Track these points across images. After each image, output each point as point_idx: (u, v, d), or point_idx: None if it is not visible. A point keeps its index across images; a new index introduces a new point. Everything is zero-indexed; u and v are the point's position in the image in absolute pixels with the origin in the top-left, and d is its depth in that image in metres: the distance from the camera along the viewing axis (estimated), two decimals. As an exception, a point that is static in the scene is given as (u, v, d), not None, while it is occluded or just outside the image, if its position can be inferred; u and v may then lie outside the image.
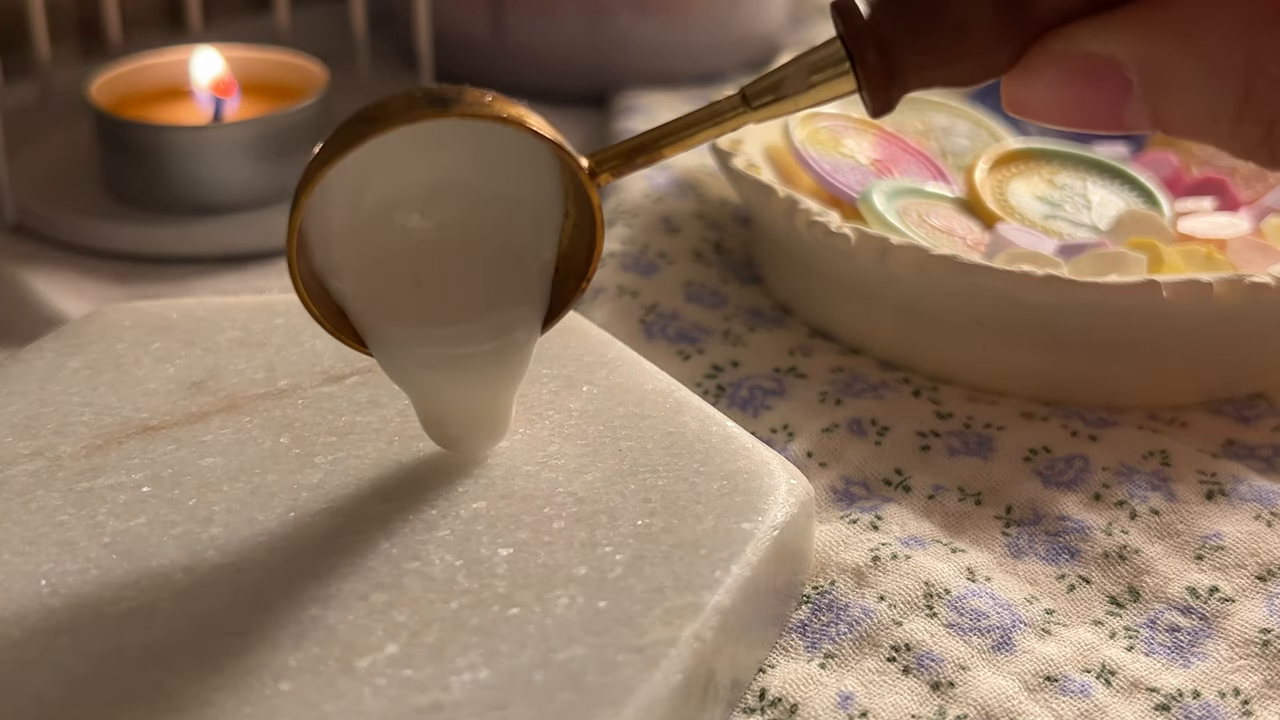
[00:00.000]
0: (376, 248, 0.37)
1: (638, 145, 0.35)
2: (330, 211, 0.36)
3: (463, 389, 0.38)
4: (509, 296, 0.37)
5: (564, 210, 0.37)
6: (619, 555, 0.36)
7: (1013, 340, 0.47)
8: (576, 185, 0.36)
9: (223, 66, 0.61)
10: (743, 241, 0.57)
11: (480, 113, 0.34)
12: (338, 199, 0.36)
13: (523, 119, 0.34)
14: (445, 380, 0.38)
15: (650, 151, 0.35)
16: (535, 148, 0.36)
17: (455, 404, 0.39)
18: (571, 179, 0.36)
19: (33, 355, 0.44)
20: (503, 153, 0.36)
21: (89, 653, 0.33)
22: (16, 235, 0.59)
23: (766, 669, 0.38)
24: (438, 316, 0.38)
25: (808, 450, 0.45)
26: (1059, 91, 0.33)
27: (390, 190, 0.36)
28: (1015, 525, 0.43)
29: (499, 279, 0.37)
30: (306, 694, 0.32)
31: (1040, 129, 0.60)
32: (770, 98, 0.35)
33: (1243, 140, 0.31)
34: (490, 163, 0.36)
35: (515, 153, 0.36)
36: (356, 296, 0.37)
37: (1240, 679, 0.38)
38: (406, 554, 0.36)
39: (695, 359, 0.50)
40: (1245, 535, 0.42)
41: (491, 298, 0.37)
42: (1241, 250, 0.50)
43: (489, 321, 0.38)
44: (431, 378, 0.38)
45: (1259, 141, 0.31)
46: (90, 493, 0.38)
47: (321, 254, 0.37)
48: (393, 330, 0.37)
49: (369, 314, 0.37)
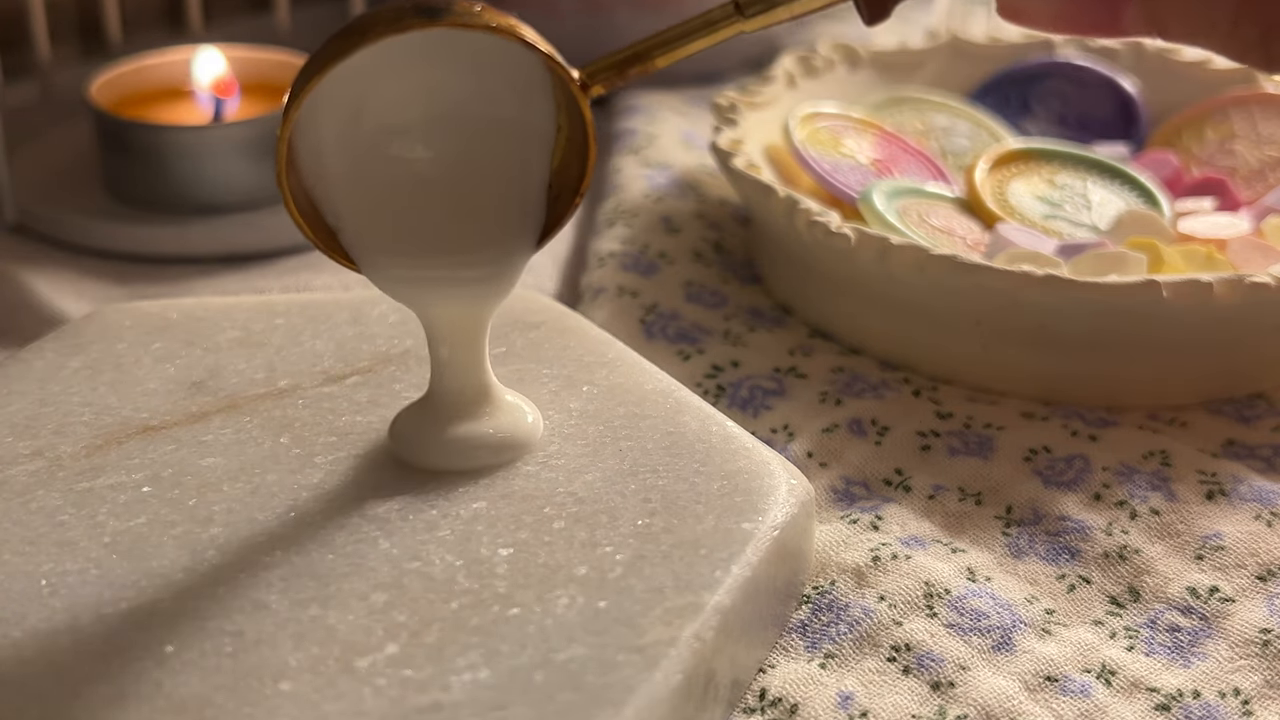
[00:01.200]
0: (369, 176, 0.36)
1: (630, 55, 0.35)
2: (321, 133, 0.36)
3: (452, 305, 0.38)
4: (504, 221, 0.37)
5: (556, 125, 0.37)
6: (619, 555, 0.36)
7: (1013, 340, 0.47)
8: (568, 99, 0.35)
9: (223, 66, 0.61)
10: (743, 241, 0.57)
11: (470, 22, 0.33)
12: (328, 120, 0.35)
13: (514, 28, 0.34)
14: (436, 297, 0.38)
15: (643, 61, 0.35)
16: (526, 61, 0.35)
17: (441, 319, 0.38)
18: (563, 92, 0.36)
19: (33, 355, 0.44)
20: (493, 68, 0.35)
21: (89, 653, 0.33)
22: (16, 235, 0.59)
23: (766, 669, 0.38)
24: (433, 246, 0.37)
25: (808, 450, 0.45)
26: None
27: (381, 113, 0.36)
28: (1015, 525, 0.43)
29: (494, 204, 0.37)
30: (306, 694, 0.32)
31: (1040, 129, 0.60)
32: (763, 4, 0.34)
33: (1240, 42, 0.31)
34: (481, 79, 0.36)
35: (506, 67, 0.35)
36: (349, 222, 0.37)
37: (1240, 679, 0.38)
38: (406, 554, 0.36)
39: (695, 359, 0.50)
40: (1245, 535, 0.42)
41: (486, 225, 0.37)
42: (1241, 250, 0.50)
43: (484, 249, 0.37)
44: (422, 294, 0.38)
45: (1256, 43, 0.31)
46: (90, 493, 0.38)
47: (313, 177, 0.36)
48: (387, 258, 0.37)
49: (362, 241, 0.37)
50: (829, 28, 0.77)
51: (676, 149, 0.63)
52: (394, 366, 0.43)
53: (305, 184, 0.36)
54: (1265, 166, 0.55)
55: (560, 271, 0.57)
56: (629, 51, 0.35)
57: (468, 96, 0.36)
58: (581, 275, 0.55)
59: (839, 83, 0.60)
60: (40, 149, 0.63)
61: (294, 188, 0.36)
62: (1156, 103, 0.60)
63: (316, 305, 0.46)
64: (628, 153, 0.62)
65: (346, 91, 0.35)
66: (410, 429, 0.39)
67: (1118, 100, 0.60)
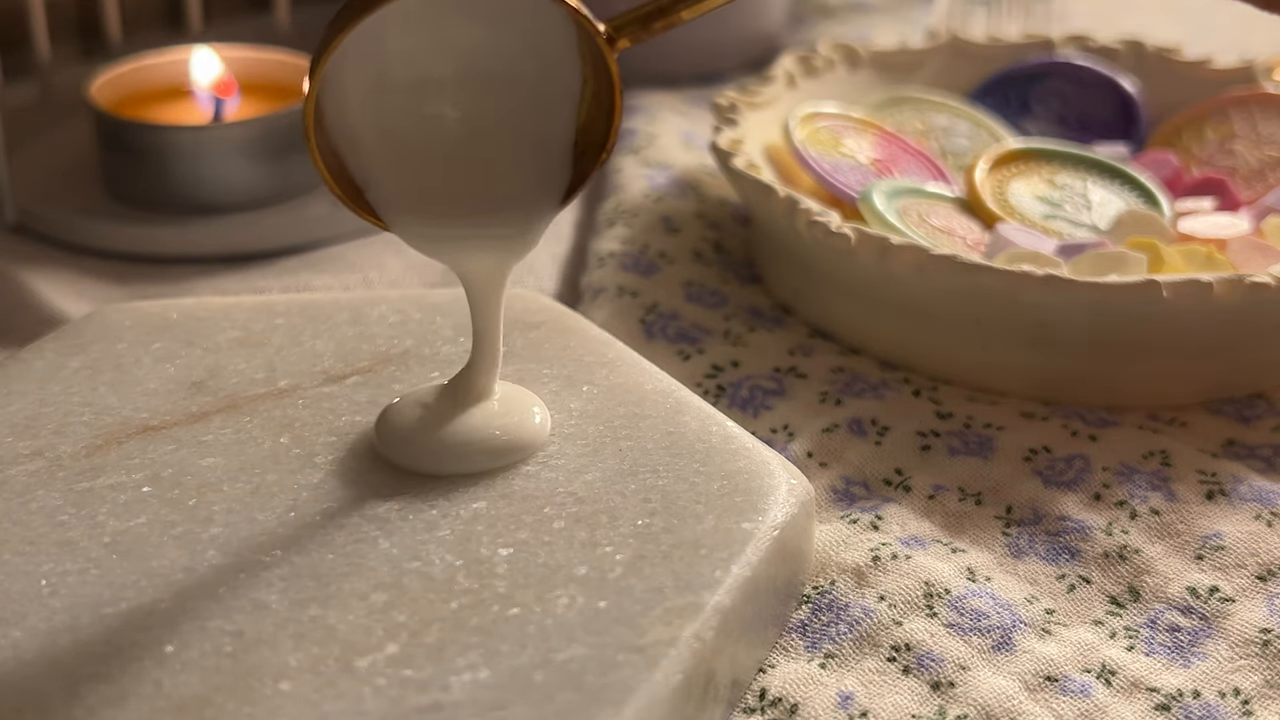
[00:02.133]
0: (395, 133, 0.36)
1: (655, 9, 0.35)
2: (347, 91, 0.36)
3: (478, 259, 0.38)
4: (530, 178, 0.37)
5: (582, 79, 0.36)
6: (619, 555, 0.36)
7: (1013, 340, 0.47)
8: (594, 53, 0.35)
9: (222, 66, 0.61)
10: (743, 241, 0.57)
11: None
12: (354, 77, 0.35)
13: None
14: (462, 251, 0.38)
15: (668, 15, 0.35)
16: (551, 15, 0.35)
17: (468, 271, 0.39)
18: (589, 46, 0.36)
19: (33, 355, 0.44)
20: (518, 23, 0.35)
21: (89, 653, 0.33)
22: (16, 235, 0.59)
23: (766, 669, 0.38)
24: (460, 204, 0.37)
25: (808, 450, 0.45)
26: None
27: (406, 70, 0.36)
28: (1015, 525, 0.43)
29: (520, 161, 0.37)
30: (306, 694, 0.32)
31: (1040, 129, 0.60)
32: None
33: None
34: (506, 34, 0.36)
35: (531, 22, 0.35)
36: (376, 180, 0.37)
37: (1240, 679, 0.38)
38: (406, 554, 0.36)
39: (695, 359, 0.50)
40: (1245, 535, 0.42)
41: (512, 182, 0.37)
42: (1241, 250, 0.50)
43: (511, 206, 0.37)
44: (448, 250, 0.38)
45: None
46: (90, 493, 0.38)
47: (340, 134, 0.36)
48: (413, 216, 0.37)
49: (388, 199, 0.37)
50: (829, 28, 0.77)
51: (676, 149, 0.63)
52: (394, 366, 0.43)
53: (333, 142, 0.36)
54: (1265, 166, 0.55)
55: (560, 271, 0.57)
56: (654, 4, 0.35)
57: (493, 52, 0.36)
58: (581, 275, 0.55)
59: (839, 83, 0.60)
60: (40, 149, 0.63)
61: (321, 146, 0.36)
62: (1156, 103, 0.60)
63: (316, 305, 0.46)
64: (628, 153, 0.62)
65: (372, 48, 0.35)
66: (409, 430, 0.39)
67: (1118, 100, 0.60)
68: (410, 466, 0.39)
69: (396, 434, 0.39)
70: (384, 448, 0.39)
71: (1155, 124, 0.60)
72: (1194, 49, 0.62)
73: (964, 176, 0.55)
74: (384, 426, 0.40)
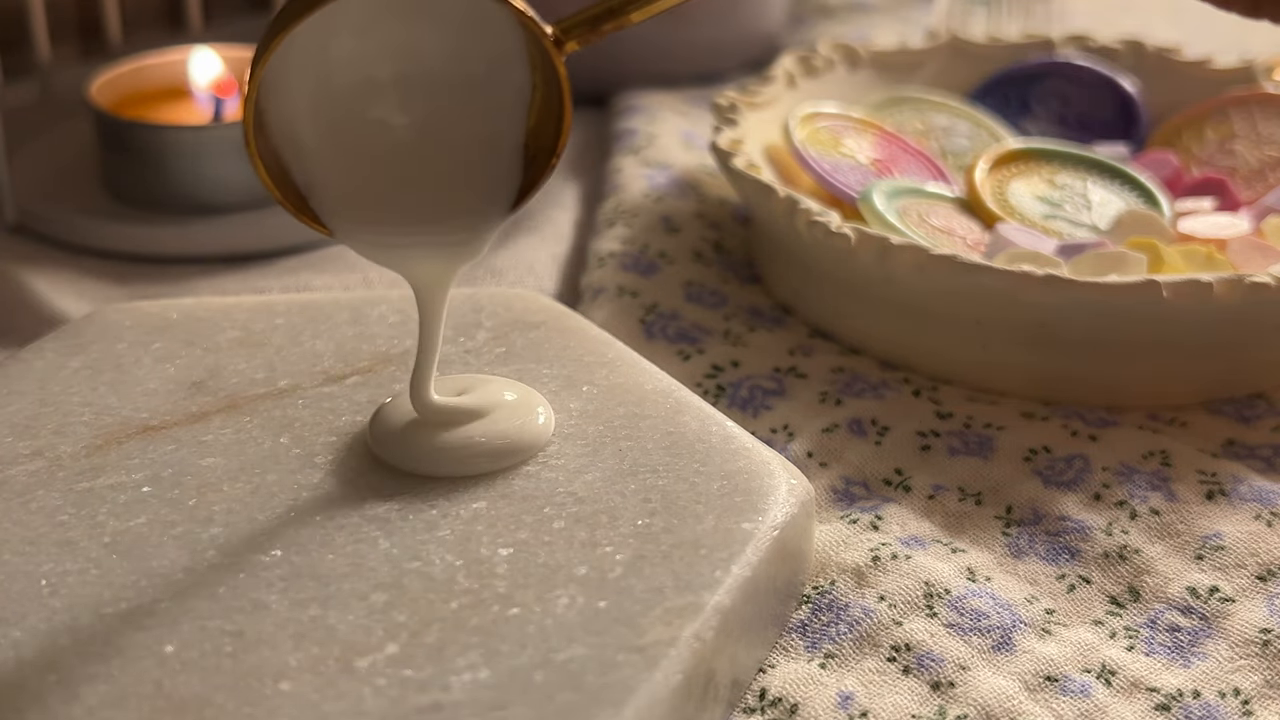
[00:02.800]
0: (338, 138, 0.36)
1: (605, 10, 0.34)
2: (290, 95, 0.35)
3: (425, 265, 0.38)
4: (479, 184, 0.36)
5: (532, 84, 0.36)
6: (619, 555, 0.36)
7: (1013, 340, 0.47)
8: (543, 56, 0.35)
9: (222, 66, 0.61)
10: (743, 241, 0.57)
11: None
12: (296, 81, 0.35)
13: None
14: (408, 258, 0.38)
15: (617, 16, 0.34)
16: (498, 17, 0.34)
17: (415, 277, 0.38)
18: (537, 49, 0.35)
19: (33, 355, 0.44)
20: (464, 25, 0.35)
21: (89, 653, 0.33)
22: (16, 235, 0.59)
23: (766, 669, 0.38)
24: (405, 211, 0.37)
25: (808, 450, 0.45)
26: None
27: (349, 74, 0.35)
28: (1015, 525, 0.43)
29: (468, 166, 0.36)
30: (306, 694, 0.32)
31: (1040, 129, 0.60)
32: None
33: None
34: (452, 37, 0.35)
35: (477, 24, 0.35)
36: (319, 186, 0.36)
37: (1240, 679, 0.38)
38: (406, 554, 0.36)
39: (695, 359, 0.50)
40: (1245, 535, 0.42)
41: (460, 188, 0.36)
42: (1241, 250, 0.50)
43: (458, 213, 0.37)
44: (395, 257, 0.38)
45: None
46: (90, 493, 0.38)
47: (283, 139, 0.35)
48: (358, 223, 0.37)
49: (332, 205, 0.36)
50: (829, 28, 0.77)
51: (676, 149, 0.63)
52: (394, 366, 0.43)
53: (275, 146, 0.36)
54: (1265, 166, 0.55)
55: (560, 271, 0.57)
56: (604, 6, 0.34)
57: (439, 55, 0.35)
58: (581, 275, 0.55)
59: (839, 83, 0.60)
60: (40, 149, 0.63)
61: (263, 151, 0.35)
62: (1156, 103, 0.60)
63: (316, 305, 0.46)
64: (628, 153, 0.62)
65: (314, 51, 0.35)
66: (403, 431, 0.39)
67: (1118, 100, 0.60)
68: (409, 469, 0.39)
69: (391, 435, 0.39)
70: (378, 448, 0.39)
71: (1155, 124, 0.60)
72: (1194, 49, 0.62)
73: (964, 176, 0.55)
74: (377, 427, 0.40)
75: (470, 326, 0.45)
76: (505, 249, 0.57)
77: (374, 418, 0.40)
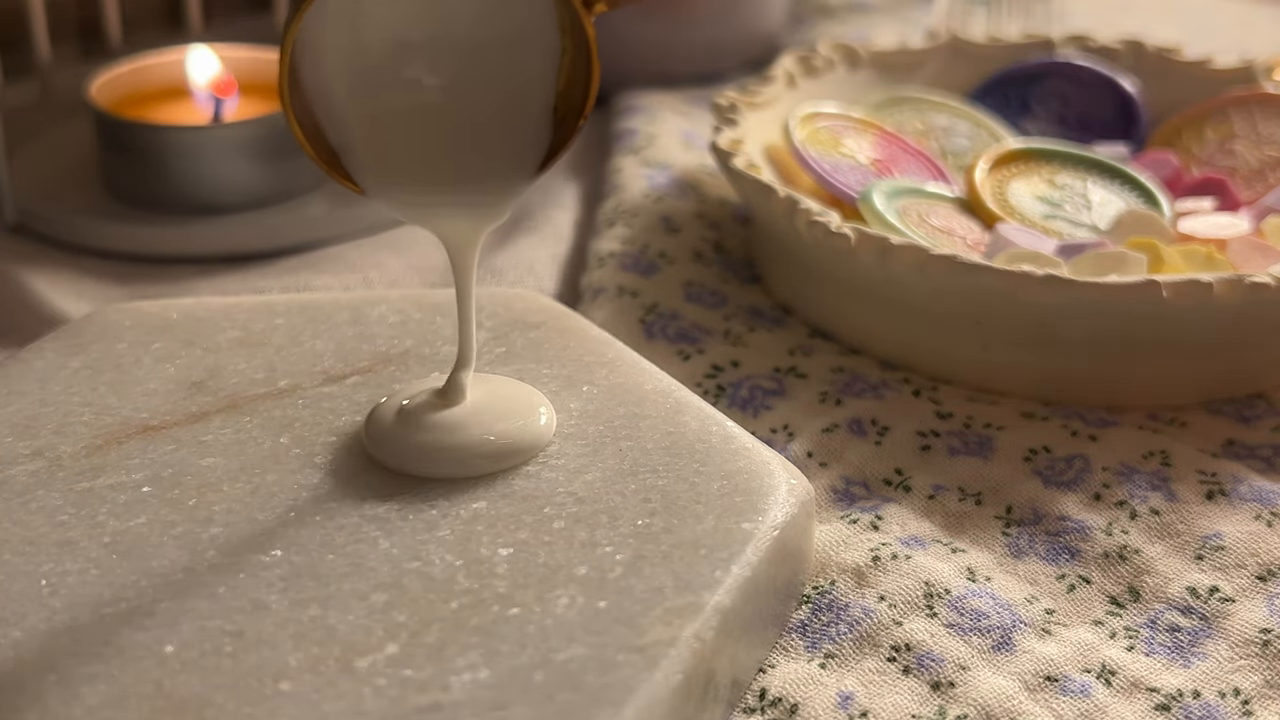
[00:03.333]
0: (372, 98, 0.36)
1: None
2: (324, 53, 0.35)
3: (454, 223, 0.38)
4: (508, 144, 0.37)
5: (561, 46, 0.36)
6: (619, 555, 0.36)
7: (1013, 340, 0.47)
8: (572, 18, 0.35)
9: (222, 66, 0.61)
10: (743, 241, 0.57)
11: None
12: (331, 39, 0.35)
13: None
14: (437, 216, 0.38)
15: None
16: None
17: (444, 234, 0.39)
18: (567, 11, 0.35)
19: (33, 355, 0.44)
20: None
21: (89, 653, 0.33)
22: (16, 235, 0.59)
23: (766, 669, 0.38)
24: (437, 170, 0.37)
25: (808, 450, 0.45)
26: None
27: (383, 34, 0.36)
28: (1015, 525, 0.43)
29: (498, 127, 0.37)
30: (306, 694, 0.32)
31: (1040, 129, 0.60)
32: None
33: None
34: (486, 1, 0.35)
35: None
36: (352, 145, 0.37)
37: (1240, 679, 0.38)
38: (406, 554, 0.36)
39: (695, 359, 0.50)
40: (1245, 535, 0.42)
41: (490, 148, 0.37)
42: (1241, 250, 0.50)
43: (488, 173, 0.37)
44: (425, 215, 0.38)
45: None
46: (90, 493, 0.38)
47: (317, 97, 0.36)
48: (389, 182, 0.37)
49: (364, 165, 0.37)
50: (829, 28, 0.77)
51: (676, 149, 0.63)
52: (394, 366, 0.43)
53: (309, 105, 0.36)
54: (1265, 166, 0.55)
55: (560, 271, 0.57)
56: None
57: (470, 17, 0.36)
58: (581, 275, 0.55)
59: (839, 83, 0.60)
60: (40, 149, 0.63)
61: (298, 109, 0.35)
62: (1156, 103, 0.60)
63: (316, 305, 0.46)
64: (628, 153, 0.62)
65: (347, 10, 0.35)
66: (407, 432, 0.39)
67: (1118, 100, 0.60)
68: (410, 470, 0.39)
69: (388, 435, 0.39)
70: (374, 448, 0.39)
71: (1155, 124, 0.60)
72: (1194, 49, 0.62)
73: (964, 176, 0.55)
74: (374, 428, 0.40)
75: (470, 326, 0.45)
76: (505, 249, 0.57)
77: (369, 418, 0.40)
